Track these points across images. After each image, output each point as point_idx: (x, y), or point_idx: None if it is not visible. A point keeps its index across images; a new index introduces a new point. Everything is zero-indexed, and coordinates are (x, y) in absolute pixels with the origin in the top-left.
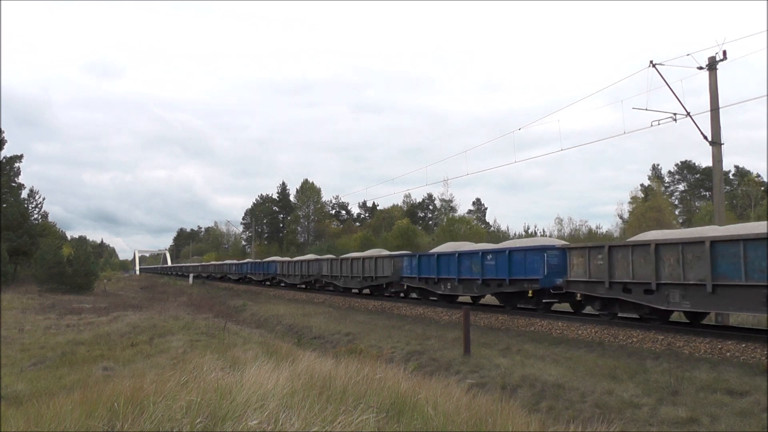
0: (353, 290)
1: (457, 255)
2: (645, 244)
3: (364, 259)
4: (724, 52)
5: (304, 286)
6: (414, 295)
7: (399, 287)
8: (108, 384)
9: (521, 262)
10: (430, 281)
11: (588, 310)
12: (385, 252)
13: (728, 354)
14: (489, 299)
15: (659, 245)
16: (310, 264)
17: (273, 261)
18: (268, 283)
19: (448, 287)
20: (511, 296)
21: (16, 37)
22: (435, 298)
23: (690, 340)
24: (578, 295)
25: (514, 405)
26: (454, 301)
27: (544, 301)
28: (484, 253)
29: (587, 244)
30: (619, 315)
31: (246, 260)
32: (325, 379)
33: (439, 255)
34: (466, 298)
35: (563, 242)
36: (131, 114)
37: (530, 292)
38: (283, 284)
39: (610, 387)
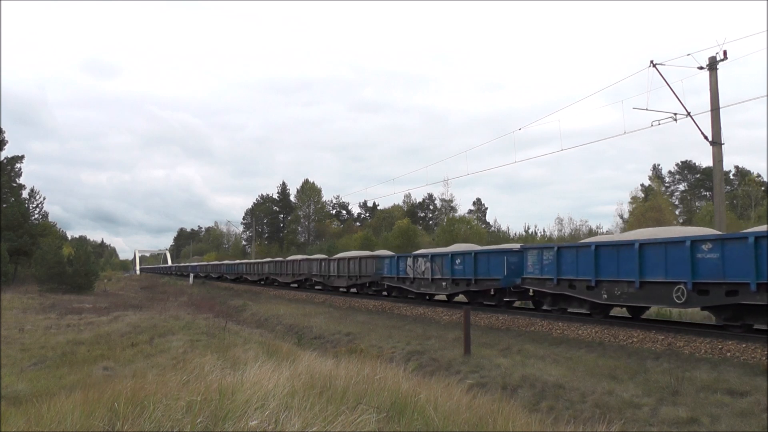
0: (433, 297)
1: (689, 242)
2: None
3: (453, 255)
4: (725, 52)
5: (353, 290)
6: (545, 306)
7: (516, 293)
8: (108, 384)
9: None
10: (578, 284)
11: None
12: (480, 246)
13: (729, 354)
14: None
15: None
16: (364, 262)
17: (308, 259)
18: (295, 285)
19: (623, 293)
20: None
21: (12, 36)
22: (586, 311)
23: (690, 340)
24: None
25: (515, 405)
26: (600, 311)
27: None
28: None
29: None
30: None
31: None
32: (325, 379)
33: (600, 245)
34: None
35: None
36: (129, 113)
37: None
38: (318, 287)
39: (611, 387)
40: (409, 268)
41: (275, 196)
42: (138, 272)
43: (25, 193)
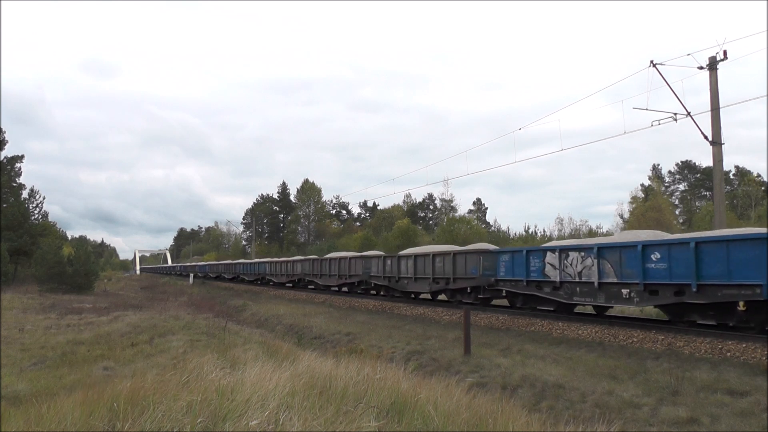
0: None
1: None
2: None
3: (646, 246)
4: (725, 52)
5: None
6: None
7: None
8: (108, 384)
9: None
10: None
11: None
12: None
13: (728, 354)
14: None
15: None
16: (461, 259)
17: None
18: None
19: None
20: None
21: (12, 36)
22: None
23: (690, 340)
24: None
25: (515, 405)
26: None
27: None
28: None
29: None
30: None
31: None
32: (325, 379)
33: None
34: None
35: None
36: (128, 113)
37: None
38: (374, 291)
39: (611, 387)
40: (549, 268)
41: (275, 196)
42: (138, 272)
43: (24, 193)
